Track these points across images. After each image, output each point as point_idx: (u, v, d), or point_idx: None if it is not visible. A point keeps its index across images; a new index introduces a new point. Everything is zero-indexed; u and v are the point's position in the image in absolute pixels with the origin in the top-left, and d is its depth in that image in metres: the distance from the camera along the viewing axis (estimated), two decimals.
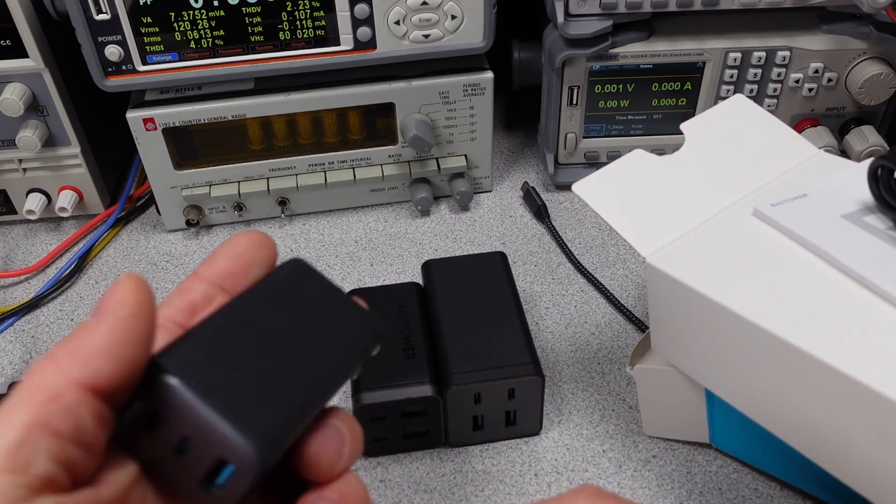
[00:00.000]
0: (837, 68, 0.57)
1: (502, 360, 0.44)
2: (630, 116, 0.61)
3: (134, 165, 0.65)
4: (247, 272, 0.27)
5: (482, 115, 0.60)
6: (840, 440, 0.33)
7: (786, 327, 0.33)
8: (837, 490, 0.38)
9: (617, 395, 0.49)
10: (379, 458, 0.46)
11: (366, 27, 0.54)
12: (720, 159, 0.42)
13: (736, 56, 0.57)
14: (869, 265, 0.35)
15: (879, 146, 0.58)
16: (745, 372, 0.36)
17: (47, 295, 0.58)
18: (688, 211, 0.40)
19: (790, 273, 0.36)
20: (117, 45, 0.52)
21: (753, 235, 0.38)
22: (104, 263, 0.61)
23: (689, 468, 0.45)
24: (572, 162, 0.64)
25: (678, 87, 0.60)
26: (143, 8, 0.51)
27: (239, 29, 0.53)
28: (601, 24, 0.55)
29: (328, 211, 0.64)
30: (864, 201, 0.39)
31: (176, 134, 0.57)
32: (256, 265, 0.28)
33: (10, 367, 0.53)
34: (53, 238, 0.63)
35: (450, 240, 0.61)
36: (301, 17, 0.53)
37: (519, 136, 0.71)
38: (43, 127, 0.57)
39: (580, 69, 0.58)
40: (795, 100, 0.60)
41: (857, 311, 0.34)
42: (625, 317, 0.54)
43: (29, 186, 0.61)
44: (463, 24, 0.55)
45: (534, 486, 0.45)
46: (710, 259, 0.37)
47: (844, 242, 0.36)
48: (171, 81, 0.55)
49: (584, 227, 0.62)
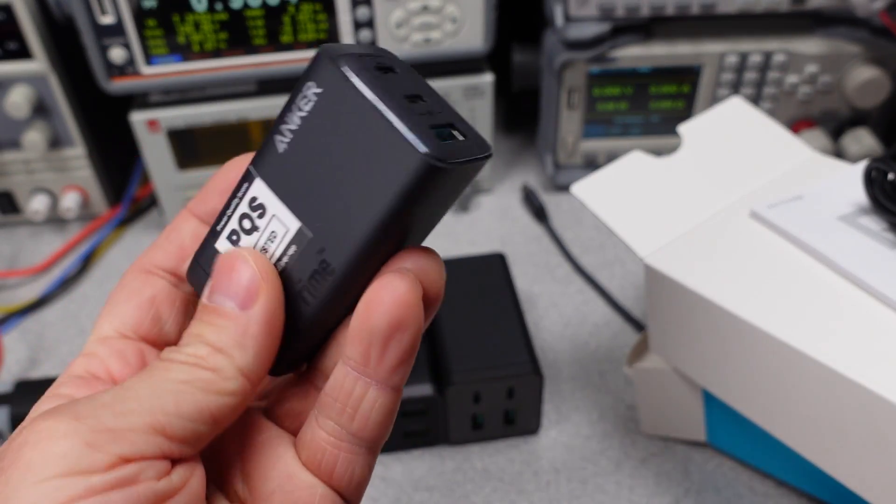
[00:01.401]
0: (833, 72, 0.58)
1: (502, 359, 0.45)
2: (628, 119, 0.62)
3: (137, 166, 0.66)
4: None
5: (482, 117, 0.61)
6: (835, 439, 0.34)
7: (782, 327, 0.34)
8: (832, 488, 0.38)
9: (615, 395, 0.50)
10: (379, 457, 0.47)
11: (367, 30, 0.55)
12: (717, 161, 0.43)
13: (733, 59, 0.58)
14: (864, 266, 0.35)
15: (874, 149, 0.59)
16: (742, 371, 0.37)
17: (53, 295, 0.58)
18: (685, 212, 0.40)
19: (786, 274, 0.36)
20: (121, 47, 0.53)
21: (750, 236, 0.39)
22: (108, 264, 0.61)
23: (687, 466, 0.46)
24: (571, 164, 0.64)
25: (676, 90, 0.60)
26: (147, 11, 0.52)
27: (242, 31, 0.54)
28: (600, 27, 0.56)
29: None
30: (860, 203, 0.39)
31: (179, 136, 0.58)
32: None
33: (17, 366, 0.53)
34: (58, 238, 0.63)
35: (449, 241, 0.62)
36: (303, 20, 0.54)
37: (518, 138, 0.72)
38: (48, 128, 0.58)
39: (579, 72, 0.59)
40: (792, 103, 0.60)
41: (852, 311, 0.34)
42: (623, 317, 0.55)
43: (34, 187, 0.61)
44: (463, 27, 0.56)
45: (533, 485, 0.45)
46: (708, 260, 0.38)
47: (840, 244, 0.37)
48: (174, 83, 0.56)
49: (583, 228, 0.62)
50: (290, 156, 0.22)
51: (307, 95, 0.21)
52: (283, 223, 0.22)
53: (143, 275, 0.25)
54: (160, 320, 0.25)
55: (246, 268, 0.22)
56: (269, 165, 0.22)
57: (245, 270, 0.22)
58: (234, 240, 0.23)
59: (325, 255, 0.22)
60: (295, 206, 0.22)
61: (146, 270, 0.25)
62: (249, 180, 0.23)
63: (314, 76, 0.21)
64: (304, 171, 0.22)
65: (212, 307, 0.22)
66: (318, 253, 0.22)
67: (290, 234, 0.22)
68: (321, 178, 0.21)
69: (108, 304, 0.25)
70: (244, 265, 0.22)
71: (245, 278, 0.22)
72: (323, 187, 0.21)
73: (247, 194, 0.23)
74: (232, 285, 0.22)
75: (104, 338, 0.24)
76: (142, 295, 0.24)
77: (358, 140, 0.21)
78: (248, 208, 0.23)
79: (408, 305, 0.21)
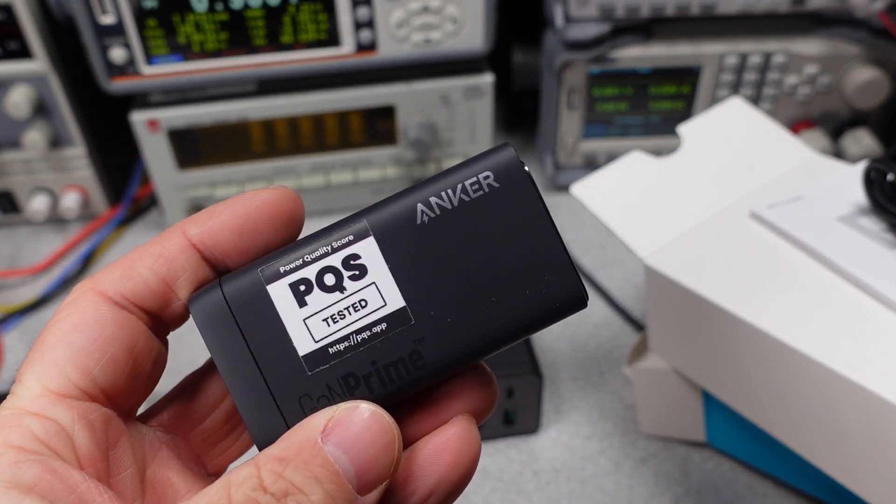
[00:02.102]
0: (833, 72, 0.58)
1: (501, 359, 0.45)
2: (628, 119, 0.62)
3: (138, 166, 0.66)
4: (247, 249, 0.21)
5: (482, 118, 0.61)
6: (834, 439, 0.34)
7: (781, 327, 0.34)
8: (832, 488, 0.38)
9: (615, 395, 0.50)
10: None
11: (367, 30, 0.55)
12: (717, 161, 0.43)
13: (733, 60, 0.58)
14: (863, 267, 0.35)
15: (874, 149, 0.59)
16: (742, 372, 0.37)
17: (53, 294, 0.58)
18: (685, 212, 0.40)
19: (786, 274, 0.37)
20: (122, 47, 0.53)
21: (749, 237, 0.39)
22: (109, 263, 0.61)
23: (686, 466, 0.46)
24: (571, 164, 0.64)
25: (676, 91, 0.60)
26: (148, 11, 0.52)
27: (242, 31, 0.54)
28: (600, 27, 0.56)
29: (329, 212, 0.65)
30: (859, 204, 0.39)
31: (179, 135, 0.58)
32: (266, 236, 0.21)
33: (17, 365, 0.53)
34: (59, 238, 0.63)
35: None
36: (303, 20, 0.54)
37: (518, 138, 0.72)
38: (48, 128, 0.58)
39: (579, 72, 0.59)
40: (791, 103, 0.60)
41: (851, 311, 0.34)
42: (623, 317, 0.55)
43: (34, 187, 0.61)
44: (463, 27, 0.56)
45: (532, 484, 0.45)
46: (707, 260, 0.38)
47: (839, 244, 0.37)
48: (174, 83, 0.56)
49: (583, 229, 0.62)
50: (428, 232, 0.20)
51: (480, 183, 0.20)
52: (383, 296, 0.20)
53: (111, 308, 0.20)
54: (136, 380, 0.20)
55: (389, 451, 0.19)
56: (393, 230, 0.20)
57: (387, 455, 0.19)
58: (301, 290, 0.20)
59: (422, 346, 0.20)
60: (406, 284, 0.20)
61: (115, 301, 0.20)
62: (357, 235, 0.20)
63: (495, 168, 0.20)
64: (436, 253, 0.20)
65: (330, 461, 0.18)
66: (415, 342, 0.20)
67: (386, 310, 0.20)
68: (454, 269, 0.20)
69: (60, 339, 0.19)
70: (390, 447, 0.19)
71: (384, 463, 0.18)
72: (452, 278, 0.20)
73: (346, 249, 0.20)
74: (365, 457, 0.18)
75: (59, 393, 0.19)
76: (117, 341, 0.20)
77: (516, 250, 0.20)
78: (341, 264, 0.20)
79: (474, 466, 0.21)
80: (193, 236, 0.21)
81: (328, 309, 0.20)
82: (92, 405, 0.19)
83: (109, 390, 0.20)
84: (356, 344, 0.20)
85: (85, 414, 0.19)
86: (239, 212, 0.21)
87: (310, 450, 0.18)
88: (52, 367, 0.19)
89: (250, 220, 0.21)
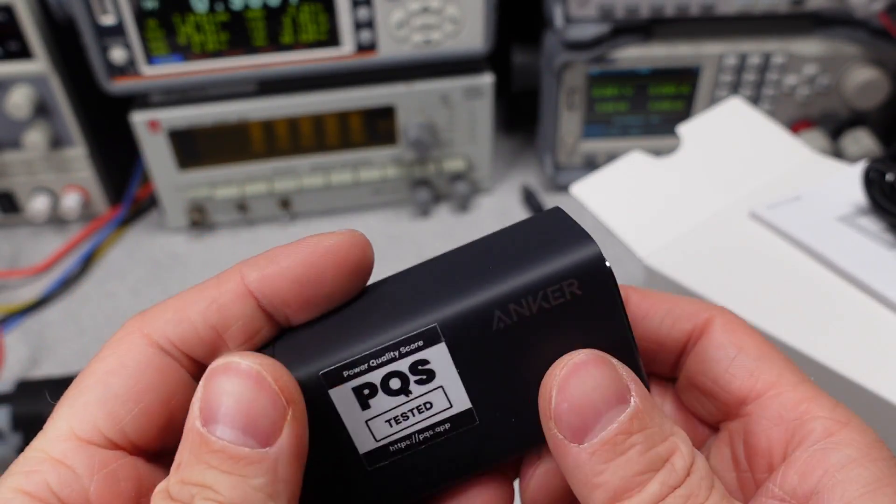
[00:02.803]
0: (832, 73, 0.58)
1: None
2: (628, 119, 0.62)
3: (138, 167, 0.66)
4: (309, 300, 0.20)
5: (482, 118, 0.61)
6: None
7: (780, 327, 0.34)
8: None
9: None
10: None
11: (367, 31, 0.55)
12: (716, 161, 0.43)
13: (732, 60, 0.58)
14: (862, 266, 0.36)
15: (873, 149, 0.59)
16: None
17: (54, 295, 0.58)
18: (685, 212, 0.41)
19: (785, 274, 0.37)
20: (122, 47, 0.53)
21: (749, 236, 0.39)
22: (109, 264, 0.61)
23: None
24: (571, 164, 0.64)
25: (675, 91, 0.60)
26: (148, 11, 0.52)
27: (242, 32, 0.54)
28: (599, 28, 0.56)
29: (330, 212, 0.65)
30: (858, 204, 0.39)
31: (179, 136, 0.58)
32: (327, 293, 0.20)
33: (18, 366, 0.53)
34: (59, 238, 0.63)
35: (450, 241, 0.62)
36: (303, 21, 0.54)
37: (518, 139, 0.72)
38: (49, 129, 0.58)
39: (579, 73, 0.59)
40: (791, 103, 0.60)
41: (851, 311, 0.34)
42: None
43: (35, 187, 0.61)
44: (463, 28, 0.56)
45: None
46: (707, 260, 0.38)
47: (839, 244, 0.37)
48: (175, 84, 0.56)
49: None
50: (502, 337, 0.19)
51: (563, 290, 0.19)
52: (449, 399, 0.20)
53: (155, 353, 0.19)
54: (169, 430, 0.19)
55: (264, 393, 0.17)
56: (466, 337, 0.19)
57: (263, 397, 0.17)
58: (365, 394, 0.19)
59: (485, 443, 0.20)
60: (473, 386, 0.20)
61: (160, 346, 0.19)
62: (428, 341, 0.19)
63: (582, 275, 0.19)
64: (507, 357, 0.19)
65: (212, 440, 0.17)
66: (478, 440, 0.20)
67: (451, 412, 0.20)
68: (523, 371, 0.19)
69: (98, 381, 0.19)
70: (262, 389, 0.18)
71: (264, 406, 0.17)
72: (520, 380, 0.19)
73: (415, 355, 0.19)
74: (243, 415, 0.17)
75: (85, 439, 0.18)
76: (154, 391, 0.19)
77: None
78: (408, 369, 0.19)
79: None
80: (252, 282, 0.20)
81: (392, 411, 0.20)
82: (117, 454, 0.18)
83: (138, 440, 0.19)
84: (417, 443, 0.20)
85: (107, 463, 0.18)
86: (302, 259, 0.20)
87: (194, 441, 0.17)
88: (83, 411, 0.18)
89: (314, 268, 0.20)
